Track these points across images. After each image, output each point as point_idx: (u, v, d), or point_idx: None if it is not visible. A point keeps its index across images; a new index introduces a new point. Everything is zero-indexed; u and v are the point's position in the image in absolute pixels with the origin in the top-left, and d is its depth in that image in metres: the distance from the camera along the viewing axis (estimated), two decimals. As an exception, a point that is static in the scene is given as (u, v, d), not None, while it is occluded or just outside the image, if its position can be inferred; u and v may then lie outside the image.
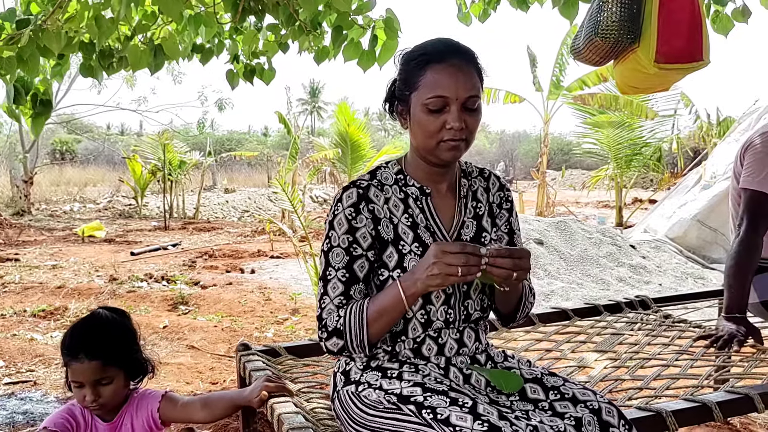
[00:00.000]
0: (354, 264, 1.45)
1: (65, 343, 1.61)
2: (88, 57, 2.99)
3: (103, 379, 1.59)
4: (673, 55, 2.51)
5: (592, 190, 15.28)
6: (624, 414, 1.36)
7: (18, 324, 4.51)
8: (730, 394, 1.75)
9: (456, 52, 1.43)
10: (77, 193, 17.46)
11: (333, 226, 1.47)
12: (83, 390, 1.59)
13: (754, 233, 2.22)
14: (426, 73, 1.41)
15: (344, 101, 9.28)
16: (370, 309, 1.40)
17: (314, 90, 58.59)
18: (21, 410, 2.96)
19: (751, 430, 2.74)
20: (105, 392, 1.60)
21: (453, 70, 1.40)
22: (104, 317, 1.66)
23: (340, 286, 1.44)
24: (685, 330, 2.47)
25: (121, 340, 1.65)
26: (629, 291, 5.83)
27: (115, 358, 1.61)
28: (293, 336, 4.39)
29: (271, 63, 3.48)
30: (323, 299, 1.45)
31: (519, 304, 1.57)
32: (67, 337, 1.62)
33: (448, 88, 1.39)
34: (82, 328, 1.63)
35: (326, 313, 1.44)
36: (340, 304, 1.44)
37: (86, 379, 1.58)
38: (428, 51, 1.44)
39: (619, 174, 11.72)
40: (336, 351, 1.44)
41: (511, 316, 1.61)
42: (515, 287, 1.49)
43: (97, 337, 1.60)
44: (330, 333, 1.43)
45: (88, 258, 7.72)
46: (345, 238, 1.45)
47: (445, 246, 1.31)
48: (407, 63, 1.46)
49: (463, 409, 1.27)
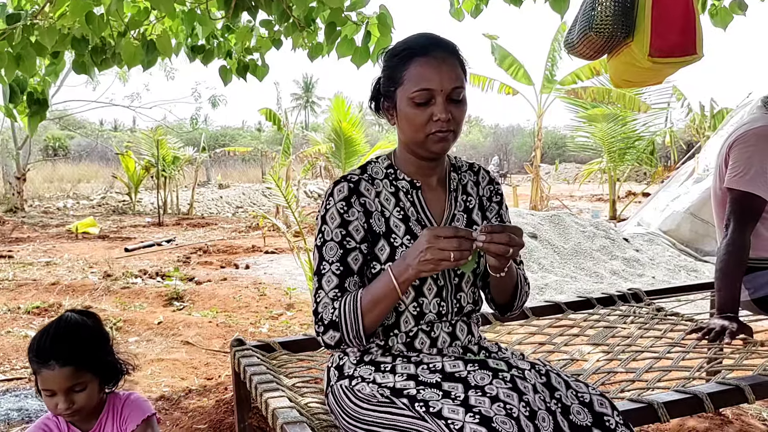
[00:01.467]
0: (348, 257, 1.45)
1: (34, 350, 1.53)
2: (81, 53, 2.97)
3: (76, 385, 1.53)
4: (667, 49, 2.51)
5: (585, 183, 15.33)
6: (616, 407, 1.37)
7: (12, 321, 4.50)
8: (721, 386, 1.77)
9: (438, 45, 1.44)
10: (70, 189, 17.38)
11: (325, 221, 1.48)
12: (55, 398, 1.52)
13: (742, 234, 2.21)
14: (410, 68, 1.42)
15: (339, 96, 9.24)
16: (364, 299, 1.40)
17: (307, 85, 58.43)
18: (16, 407, 2.96)
19: (743, 420, 2.76)
20: (79, 399, 1.54)
21: (436, 62, 1.41)
22: (73, 321, 1.58)
23: (334, 279, 1.44)
24: (677, 323, 2.49)
25: (93, 344, 1.58)
26: (623, 284, 5.87)
27: (88, 363, 1.54)
28: (288, 331, 4.40)
29: (264, 59, 3.48)
30: (318, 293, 1.46)
31: (515, 292, 1.57)
32: (35, 342, 1.54)
33: (432, 80, 1.40)
34: (51, 333, 1.54)
35: (322, 307, 1.44)
36: (335, 297, 1.44)
37: (58, 387, 1.51)
38: (411, 46, 1.45)
39: (613, 167, 11.76)
40: (333, 344, 1.44)
41: (508, 305, 1.60)
42: (510, 274, 1.49)
43: (67, 341, 1.52)
44: (326, 326, 1.43)
45: (82, 254, 7.70)
46: (338, 232, 1.46)
47: (437, 231, 1.31)
48: (390, 59, 1.48)
49: (455, 401, 1.28)
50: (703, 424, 2.70)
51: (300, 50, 3.31)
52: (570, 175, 21.96)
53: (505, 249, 1.31)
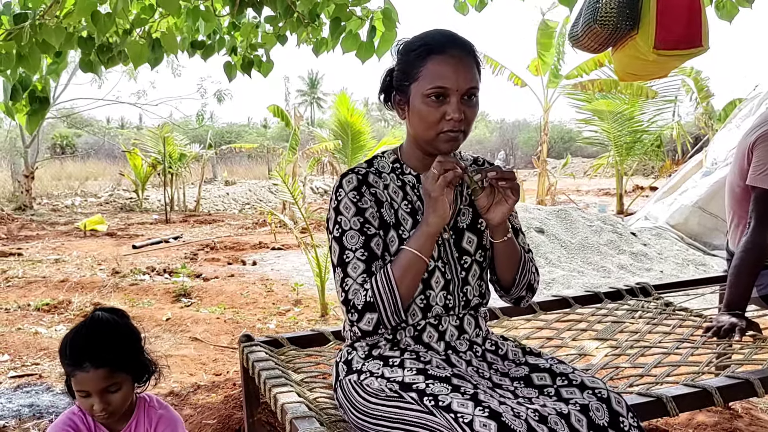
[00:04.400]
0: (371, 242, 1.44)
1: (67, 352, 1.51)
2: (88, 52, 2.98)
3: (111, 386, 1.51)
4: (673, 41, 2.49)
5: (593, 178, 15.26)
6: (632, 408, 1.36)
7: (22, 318, 4.53)
8: (731, 379, 1.76)
9: (456, 44, 1.43)
10: (78, 187, 17.46)
11: (340, 212, 1.46)
12: (90, 399, 1.51)
13: (762, 233, 2.18)
14: (427, 64, 1.42)
15: (344, 92, 9.25)
16: (395, 269, 1.39)
17: (313, 81, 58.36)
18: (27, 403, 2.98)
19: (752, 414, 2.75)
20: (114, 399, 1.53)
21: (454, 61, 1.41)
22: (105, 320, 1.56)
23: (360, 265, 1.42)
24: (686, 318, 2.48)
25: (127, 343, 1.56)
26: (630, 278, 5.85)
27: (123, 363, 1.53)
28: (295, 327, 4.41)
29: (269, 55, 3.48)
30: (345, 282, 1.42)
31: (518, 267, 1.55)
32: (67, 344, 1.52)
33: (449, 79, 1.39)
34: (84, 334, 1.53)
35: (352, 294, 1.41)
36: (364, 281, 1.41)
37: (93, 388, 1.50)
38: (429, 42, 1.44)
39: (620, 161, 11.70)
40: (371, 329, 1.41)
41: (512, 284, 1.57)
42: (512, 244, 1.52)
43: (101, 342, 1.51)
44: (361, 311, 1.39)
45: (91, 252, 7.74)
46: (356, 220, 1.45)
47: (426, 176, 1.39)
48: (407, 53, 1.47)
49: (464, 396, 1.28)
50: (712, 418, 2.69)
51: (305, 46, 3.31)
52: (577, 169, 21.88)
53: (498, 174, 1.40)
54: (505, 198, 1.43)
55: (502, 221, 1.46)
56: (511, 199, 1.43)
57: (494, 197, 1.45)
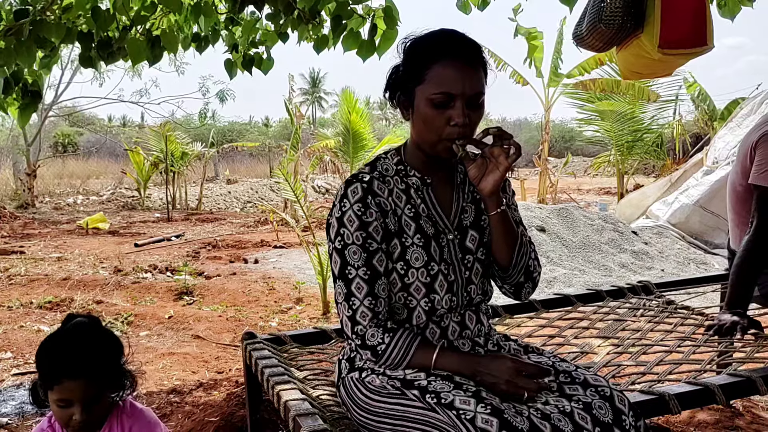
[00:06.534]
0: (373, 259, 1.43)
1: (47, 360, 1.46)
2: (87, 47, 2.97)
3: (95, 395, 1.47)
4: (677, 40, 2.48)
5: (594, 177, 15.23)
6: (634, 406, 1.37)
7: (25, 316, 4.54)
8: (733, 377, 1.76)
9: (463, 47, 1.41)
10: (80, 185, 17.47)
11: (343, 224, 1.44)
12: (70, 409, 1.45)
13: (765, 233, 2.17)
14: (433, 67, 1.39)
15: (347, 90, 9.24)
16: (415, 354, 1.42)
17: (315, 80, 58.30)
18: (30, 400, 2.99)
19: (753, 413, 2.75)
20: (97, 410, 1.49)
21: (460, 65, 1.38)
22: (83, 330, 1.51)
23: (364, 286, 1.42)
24: (688, 317, 2.48)
25: (113, 353, 1.53)
26: (631, 277, 5.85)
27: (108, 373, 1.49)
28: (297, 325, 4.42)
29: (270, 53, 3.47)
30: (351, 300, 1.43)
31: (515, 247, 1.53)
32: (44, 354, 1.47)
33: (455, 84, 1.37)
34: (67, 342, 1.48)
35: (360, 317, 1.42)
36: (374, 309, 1.42)
37: (77, 397, 1.44)
38: (435, 44, 1.41)
39: (621, 160, 11.68)
40: (368, 357, 1.45)
41: (509, 263, 1.54)
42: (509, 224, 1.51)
43: (87, 351, 1.46)
44: (366, 347, 1.43)
45: (93, 250, 7.75)
46: (358, 235, 1.43)
47: (519, 365, 1.35)
48: (413, 54, 1.44)
49: (466, 393, 1.29)
50: (713, 416, 2.69)
51: (306, 44, 3.31)
52: (578, 168, 21.86)
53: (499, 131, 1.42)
54: (497, 165, 1.43)
55: (494, 190, 1.45)
56: (502, 165, 1.42)
57: (486, 167, 1.44)
